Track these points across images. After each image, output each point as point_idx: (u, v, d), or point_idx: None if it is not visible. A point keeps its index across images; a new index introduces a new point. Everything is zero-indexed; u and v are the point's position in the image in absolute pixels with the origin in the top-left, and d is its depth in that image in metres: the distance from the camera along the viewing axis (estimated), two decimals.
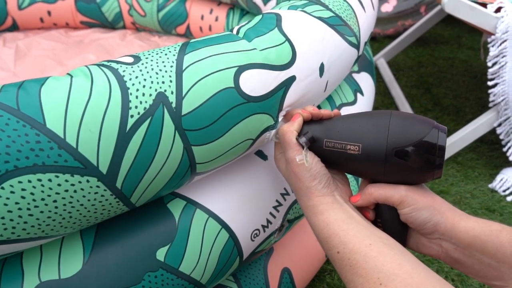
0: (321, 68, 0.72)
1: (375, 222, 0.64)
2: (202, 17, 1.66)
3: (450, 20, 2.06)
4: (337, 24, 0.77)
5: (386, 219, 0.62)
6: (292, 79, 0.66)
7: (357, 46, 0.83)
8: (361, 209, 0.64)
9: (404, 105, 1.76)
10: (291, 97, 0.66)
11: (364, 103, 1.06)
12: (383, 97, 1.88)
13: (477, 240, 0.57)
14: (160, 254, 0.63)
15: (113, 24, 1.79)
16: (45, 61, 1.52)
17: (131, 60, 0.56)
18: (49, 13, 1.73)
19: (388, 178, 0.60)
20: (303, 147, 0.62)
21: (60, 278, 0.58)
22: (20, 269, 0.58)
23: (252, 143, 0.66)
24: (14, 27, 1.75)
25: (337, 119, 0.64)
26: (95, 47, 1.61)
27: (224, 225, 0.68)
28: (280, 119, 0.67)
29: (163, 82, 0.55)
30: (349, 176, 1.10)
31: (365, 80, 1.12)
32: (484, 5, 1.33)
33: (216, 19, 1.64)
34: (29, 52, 1.57)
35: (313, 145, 0.62)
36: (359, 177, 0.65)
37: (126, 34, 1.77)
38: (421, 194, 0.59)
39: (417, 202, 0.59)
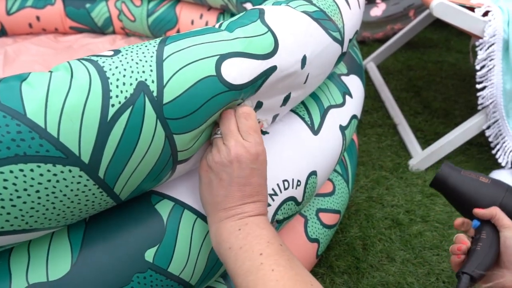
0: (303, 60, 0.72)
1: (476, 240, 0.77)
2: (192, 22, 1.66)
3: (438, 24, 2.07)
4: (321, 18, 0.77)
5: (487, 237, 0.77)
6: (273, 68, 0.66)
7: (341, 42, 0.84)
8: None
9: (393, 108, 1.77)
10: (267, 84, 0.67)
11: (353, 105, 1.06)
12: (373, 101, 1.88)
13: None
14: (149, 255, 0.63)
15: (102, 29, 1.79)
16: (34, 66, 1.51)
17: (111, 53, 0.56)
18: (38, 18, 1.73)
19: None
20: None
21: (48, 280, 0.58)
22: (7, 270, 0.58)
23: None
24: (3, 33, 1.75)
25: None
26: (85, 52, 1.61)
27: None
28: (247, 102, 0.68)
29: (143, 72, 0.55)
30: (337, 180, 1.10)
31: (354, 83, 1.12)
32: (472, 9, 1.34)
33: (206, 24, 1.64)
34: (17, 58, 1.57)
35: (453, 171, 0.84)
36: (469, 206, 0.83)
37: (116, 39, 1.76)
38: None
39: None
